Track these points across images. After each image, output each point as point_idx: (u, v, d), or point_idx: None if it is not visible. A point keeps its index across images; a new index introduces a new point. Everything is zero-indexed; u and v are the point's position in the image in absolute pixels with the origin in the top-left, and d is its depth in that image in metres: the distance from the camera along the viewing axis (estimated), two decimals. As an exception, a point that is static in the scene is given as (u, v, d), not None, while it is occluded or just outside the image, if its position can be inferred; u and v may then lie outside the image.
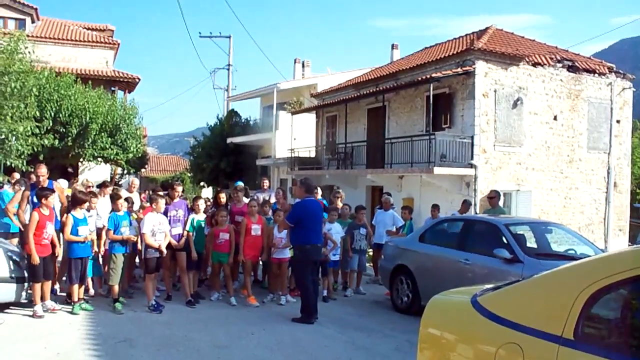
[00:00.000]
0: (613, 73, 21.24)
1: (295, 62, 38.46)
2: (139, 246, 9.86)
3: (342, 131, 24.55)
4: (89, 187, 11.56)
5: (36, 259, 8.18)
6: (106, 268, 9.60)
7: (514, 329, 3.17)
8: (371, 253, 13.50)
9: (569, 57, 20.49)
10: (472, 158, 18.13)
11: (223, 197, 11.48)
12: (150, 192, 13.06)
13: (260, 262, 11.24)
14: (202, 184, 38.07)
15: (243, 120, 36.47)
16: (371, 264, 13.58)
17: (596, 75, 20.80)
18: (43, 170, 9.48)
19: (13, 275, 8.31)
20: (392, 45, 31.71)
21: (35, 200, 8.80)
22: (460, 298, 3.86)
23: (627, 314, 2.96)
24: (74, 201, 8.84)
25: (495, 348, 3.21)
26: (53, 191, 8.88)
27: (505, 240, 8.48)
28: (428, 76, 18.41)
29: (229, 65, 42.30)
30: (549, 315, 3.05)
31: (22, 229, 9.99)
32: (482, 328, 3.40)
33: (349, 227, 11.63)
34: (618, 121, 21.19)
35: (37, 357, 6.51)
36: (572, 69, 20.15)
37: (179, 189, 10.38)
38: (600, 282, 2.88)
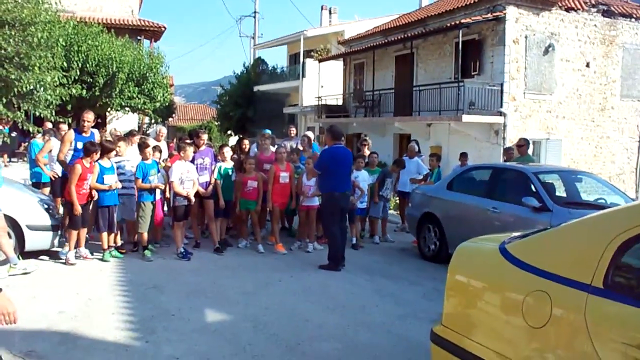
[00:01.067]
0: (651, 17, 20.56)
1: (322, 8, 38.03)
2: (167, 194, 9.94)
3: (369, 79, 24.35)
4: (117, 136, 11.58)
5: (78, 209, 8.29)
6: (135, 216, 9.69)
7: (542, 276, 3.13)
8: (398, 201, 13.48)
9: (604, 2, 19.91)
10: (501, 106, 17.90)
11: (246, 143, 11.46)
12: (178, 141, 13.09)
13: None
14: (229, 132, 38.18)
15: (270, 69, 36.35)
16: (397, 212, 13.56)
17: (633, 19, 20.23)
18: (90, 116, 9.37)
19: (51, 224, 8.45)
20: (421, -10, 31.10)
21: (79, 147, 8.81)
22: (488, 245, 3.82)
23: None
24: (101, 150, 8.85)
25: (523, 295, 3.18)
26: (100, 147, 8.82)
27: (534, 189, 8.37)
28: (457, 22, 18.09)
29: (254, 12, 42.03)
30: (579, 264, 3.01)
31: (54, 178, 10.09)
32: (510, 275, 3.37)
33: (382, 174, 11.54)
34: (655, 67, 20.62)
35: (70, 303, 6.63)
36: (607, 13, 19.60)
37: (204, 136, 10.34)
38: (631, 230, 2.82)
